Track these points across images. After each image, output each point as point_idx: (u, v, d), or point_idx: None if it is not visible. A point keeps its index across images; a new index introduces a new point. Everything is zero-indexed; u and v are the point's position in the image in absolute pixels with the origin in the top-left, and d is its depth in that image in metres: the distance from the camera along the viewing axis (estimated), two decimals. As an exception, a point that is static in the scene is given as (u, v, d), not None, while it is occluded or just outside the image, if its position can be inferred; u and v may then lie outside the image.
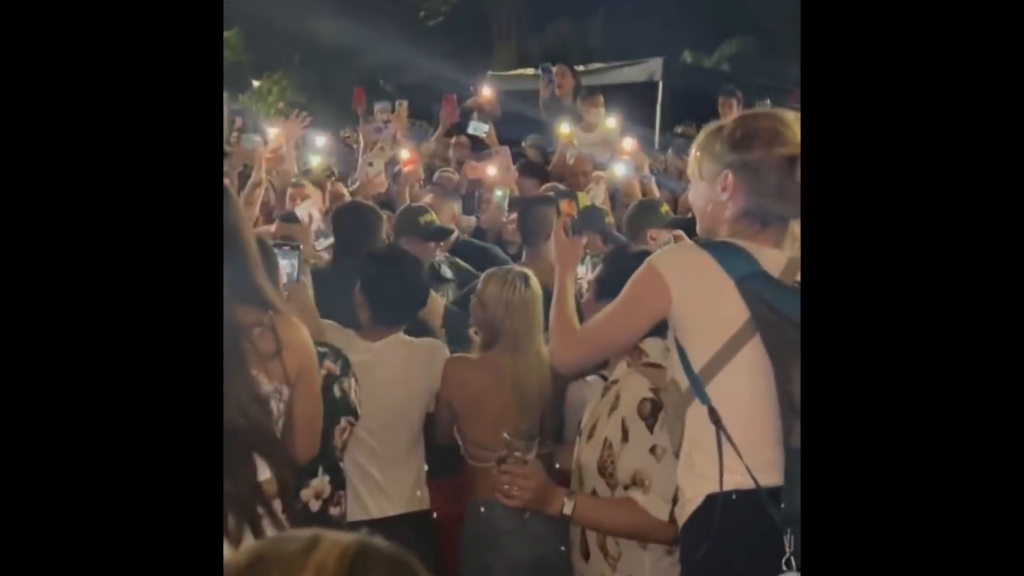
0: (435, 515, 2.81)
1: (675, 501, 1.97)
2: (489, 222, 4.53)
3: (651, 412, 2.05)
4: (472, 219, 4.66)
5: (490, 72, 10.11)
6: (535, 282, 2.80)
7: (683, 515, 1.87)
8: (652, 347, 2.15)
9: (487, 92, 5.92)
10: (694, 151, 1.98)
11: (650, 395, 2.06)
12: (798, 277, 1.78)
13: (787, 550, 1.69)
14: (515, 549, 2.63)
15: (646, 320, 1.95)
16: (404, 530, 2.56)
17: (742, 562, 1.75)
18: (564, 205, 2.29)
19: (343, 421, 2.39)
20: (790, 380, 1.67)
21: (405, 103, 5.53)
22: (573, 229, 2.24)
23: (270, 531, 1.54)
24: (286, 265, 2.57)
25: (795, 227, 1.84)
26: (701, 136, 1.98)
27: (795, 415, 1.66)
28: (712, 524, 1.78)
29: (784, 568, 1.69)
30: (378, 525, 2.49)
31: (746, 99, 6.72)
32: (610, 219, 3.87)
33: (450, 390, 2.79)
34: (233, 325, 1.78)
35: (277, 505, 1.67)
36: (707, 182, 1.94)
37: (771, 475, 1.74)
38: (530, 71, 9.74)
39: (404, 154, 4.85)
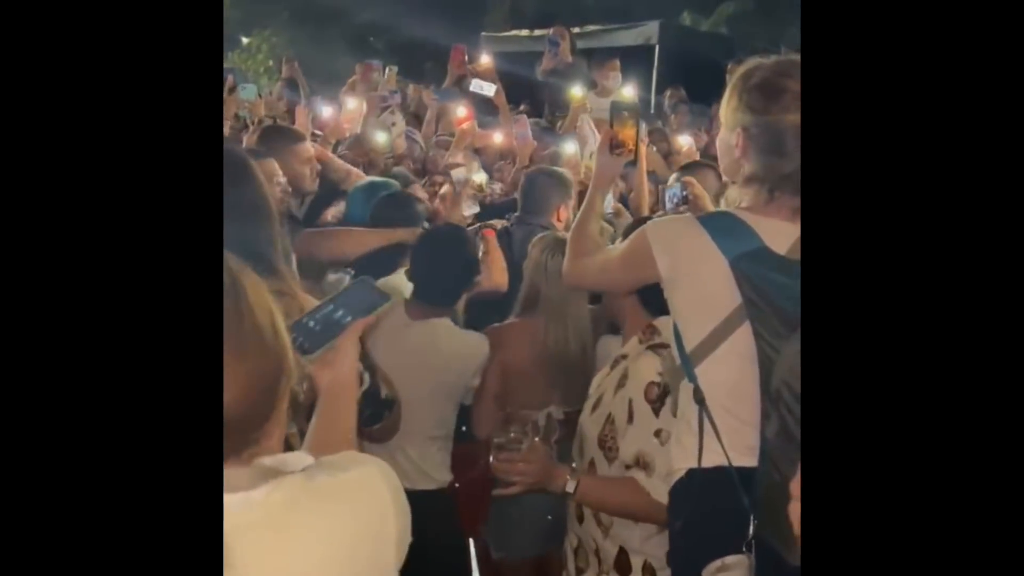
0: (456, 484, 2.74)
1: None
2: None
3: (658, 396, 2.04)
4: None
5: (484, 33, 9.99)
6: None
7: (669, 484, 1.90)
8: (665, 326, 2.13)
9: (485, 60, 5.49)
10: (727, 91, 1.86)
11: (658, 379, 2.05)
12: None
13: (749, 534, 1.69)
14: (536, 503, 2.61)
15: (632, 278, 1.99)
16: (422, 502, 2.49)
17: (716, 538, 1.76)
18: (617, 125, 2.17)
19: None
20: (770, 371, 1.67)
21: (395, 68, 5.41)
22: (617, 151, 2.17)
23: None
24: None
25: None
26: (734, 77, 1.84)
27: (772, 404, 1.66)
28: (691, 498, 1.81)
29: (743, 550, 1.70)
30: None
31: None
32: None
33: (495, 355, 2.73)
34: None
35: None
36: (728, 131, 1.84)
37: (748, 458, 1.74)
38: (524, 32, 9.64)
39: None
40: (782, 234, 1.74)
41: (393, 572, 1.03)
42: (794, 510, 0.98)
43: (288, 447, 1.18)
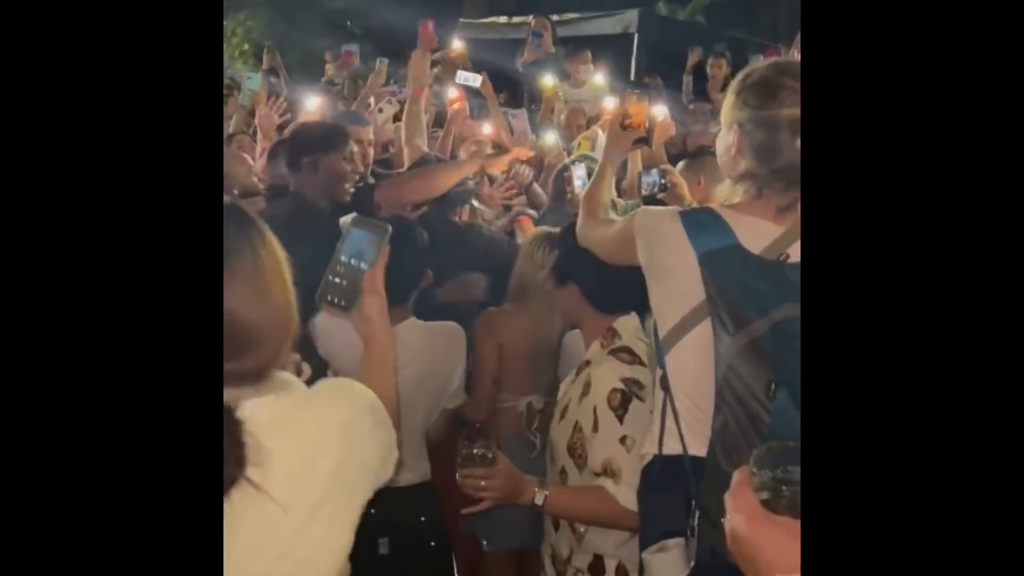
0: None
1: None
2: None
3: (621, 403, 2.06)
4: None
5: (462, 19, 9.95)
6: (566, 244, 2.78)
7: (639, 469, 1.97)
8: (625, 327, 2.17)
9: (457, 45, 5.50)
10: (728, 92, 1.90)
11: (621, 386, 2.06)
12: (786, 251, 1.74)
13: (692, 521, 1.74)
14: None
15: (622, 257, 2.02)
16: (409, 499, 2.46)
17: (674, 524, 1.80)
18: (628, 102, 2.30)
19: None
20: (718, 367, 1.71)
21: (386, 61, 5.36)
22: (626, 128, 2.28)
23: None
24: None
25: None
26: (736, 79, 1.88)
27: (721, 399, 1.70)
28: (652, 483, 1.87)
29: (687, 533, 1.75)
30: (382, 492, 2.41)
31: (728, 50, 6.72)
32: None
33: (492, 338, 2.80)
34: None
35: None
36: (726, 129, 1.88)
37: (703, 448, 1.77)
38: (502, 19, 9.61)
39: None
40: (760, 233, 1.76)
41: (376, 459, 1.31)
42: (727, 524, 0.99)
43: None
